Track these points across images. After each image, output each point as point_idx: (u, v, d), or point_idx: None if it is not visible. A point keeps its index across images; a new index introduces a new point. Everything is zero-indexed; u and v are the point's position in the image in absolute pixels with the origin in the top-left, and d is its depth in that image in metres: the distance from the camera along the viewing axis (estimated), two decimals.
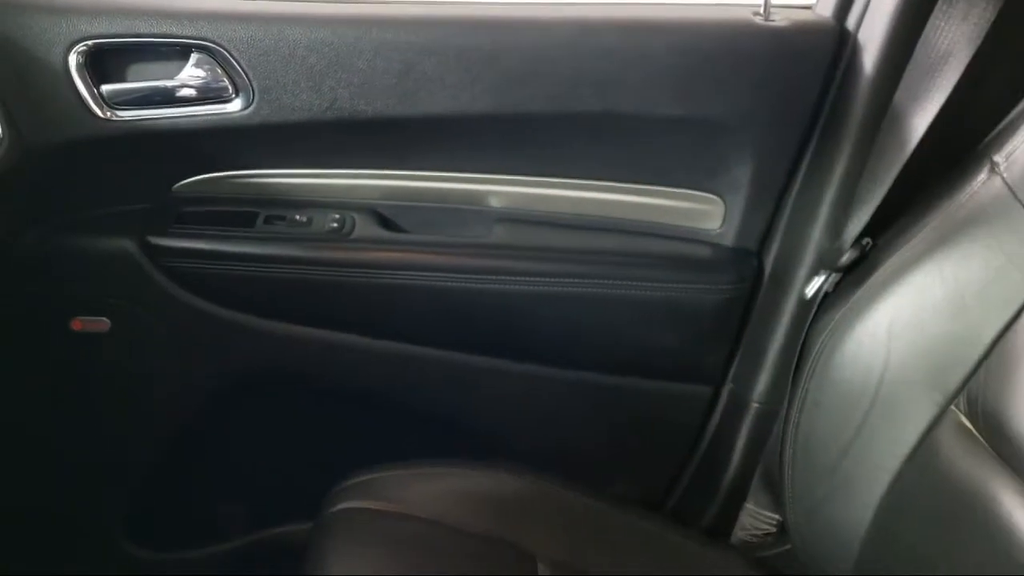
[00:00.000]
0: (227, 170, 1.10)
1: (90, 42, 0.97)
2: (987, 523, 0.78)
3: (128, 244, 1.07)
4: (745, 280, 1.13)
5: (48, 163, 1.00)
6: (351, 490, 0.92)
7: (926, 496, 0.87)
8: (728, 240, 1.14)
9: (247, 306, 1.12)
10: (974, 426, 0.83)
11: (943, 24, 0.97)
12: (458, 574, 0.88)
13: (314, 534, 0.88)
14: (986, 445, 0.81)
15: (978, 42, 0.92)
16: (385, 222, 1.13)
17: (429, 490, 0.95)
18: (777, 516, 1.12)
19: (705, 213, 1.14)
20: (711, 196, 1.13)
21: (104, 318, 1.10)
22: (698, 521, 1.20)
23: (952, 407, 0.85)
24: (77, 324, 1.09)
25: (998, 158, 0.87)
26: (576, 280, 1.12)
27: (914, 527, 0.88)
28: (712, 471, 1.21)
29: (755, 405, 1.16)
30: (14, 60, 0.95)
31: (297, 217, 1.11)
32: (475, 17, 1.05)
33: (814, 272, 1.06)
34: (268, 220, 1.10)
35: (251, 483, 1.27)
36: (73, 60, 0.97)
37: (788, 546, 1.11)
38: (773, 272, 1.14)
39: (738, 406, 1.18)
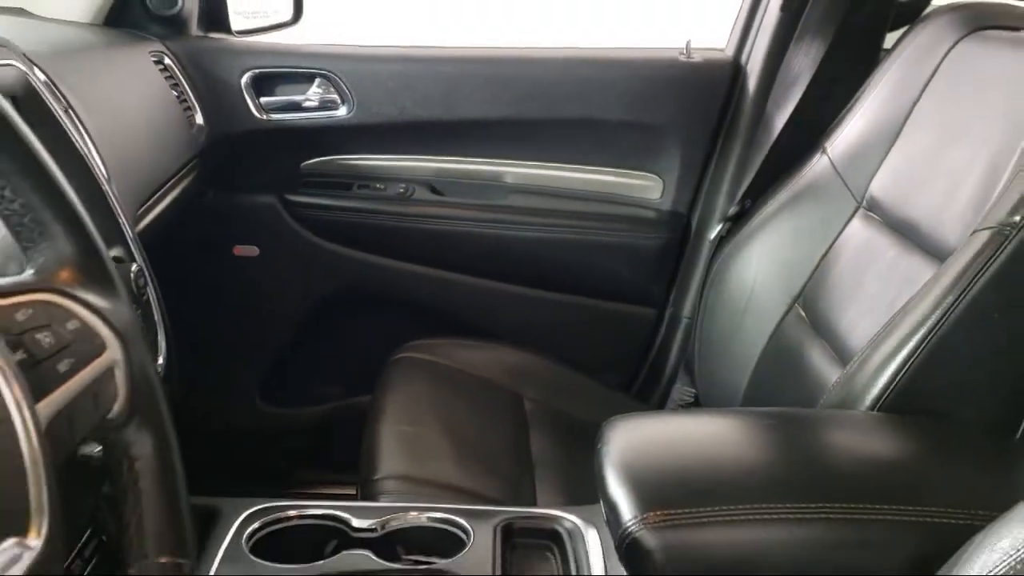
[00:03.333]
0: (335, 154, 1.52)
1: (255, 71, 1.43)
2: (804, 368, 1.13)
3: (272, 199, 1.49)
4: (676, 232, 1.52)
5: (226, 146, 1.43)
6: (409, 348, 1.33)
7: (778, 361, 1.22)
8: (666, 205, 1.53)
9: (344, 241, 1.52)
10: (805, 314, 1.20)
11: (794, 59, 1.37)
12: (471, 402, 1.29)
13: (383, 371, 1.30)
14: (809, 324, 1.18)
15: (815, 68, 1.31)
16: (434, 190, 1.53)
17: (460, 352, 1.35)
18: (693, 390, 1.48)
19: (650, 187, 1.53)
20: (654, 176, 1.52)
21: (255, 247, 1.51)
22: (648, 399, 1.57)
23: (795, 305, 1.22)
24: (237, 250, 1.51)
25: (827, 144, 1.26)
26: (562, 229, 1.52)
27: (770, 382, 1.23)
28: (658, 366, 1.58)
29: (684, 320, 1.53)
30: (210, 81, 1.40)
31: (378, 185, 1.52)
32: (496, 55, 1.49)
33: (717, 223, 1.45)
34: (360, 187, 1.52)
35: (340, 364, 1.63)
36: (244, 81, 1.42)
37: None
38: (696, 227, 1.52)
39: (674, 321, 1.56)
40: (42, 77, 0.87)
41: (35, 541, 0.33)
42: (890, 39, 1.31)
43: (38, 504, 0.34)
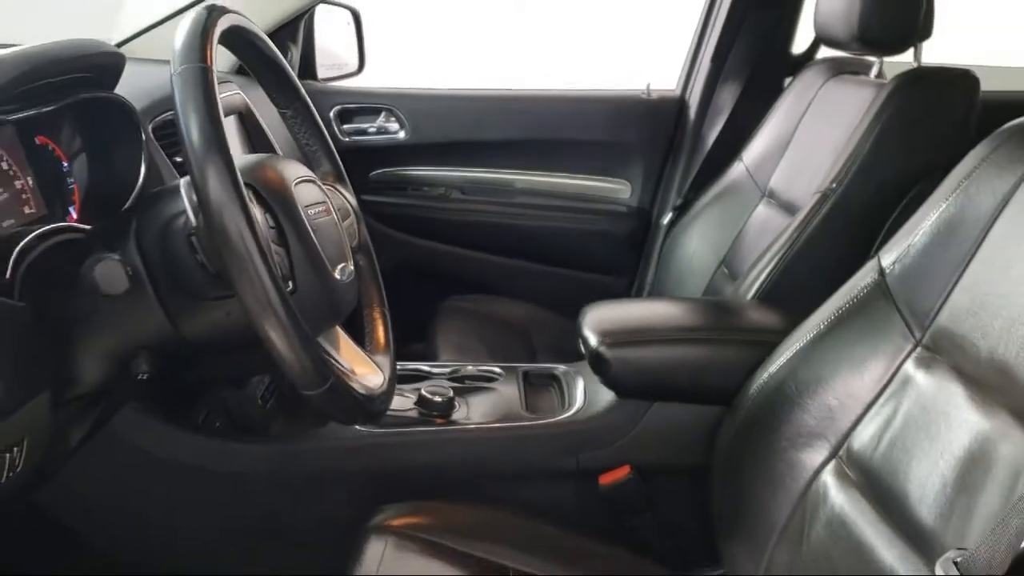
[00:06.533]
0: (395, 167, 1.95)
1: (340, 106, 1.88)
2: None
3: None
4: (642, 222, 1.94)
5: None
6: (450, 300, 1.76)
7: None
8: (633, 203, 1.96)
9: (401, 229, 1.95)
10: (727, 271, 1.62)
11: (720, 95, 1.82)
12: (495, 334, 1.73)
13: (435, 313, 1.73)
14: (729, 277, 1.60)
15: (735, 102, 1.78)
16: (464, 192, 1.97)
17: (485, 303, 1.77)
18: None
19: (621, 190, 1.96)
20: (624, 181, 1.96)
21: None
22: None
23: (721, 266, 1.65)
24: None
25: (743, 155, 1.70)
26: (557, 220, 1.94)
27: None
28: None
29: (648, 286, 1.95)
30: None
31: (424, 188, 1.96)
32: (511, 95, 1.93)
33: (668, 212, 1.91)
34: (412, 190, 1.96)
35: (395, 319, 2.04)
36: (332, 113, 1.87)
37: None
38: (656, 217, 1.96)
39: (640, 288, 1.96)
40: None
41: (351, 267, 0.79)
42: (786, 81, 1.75)
43: (350, 251, 0.80)
